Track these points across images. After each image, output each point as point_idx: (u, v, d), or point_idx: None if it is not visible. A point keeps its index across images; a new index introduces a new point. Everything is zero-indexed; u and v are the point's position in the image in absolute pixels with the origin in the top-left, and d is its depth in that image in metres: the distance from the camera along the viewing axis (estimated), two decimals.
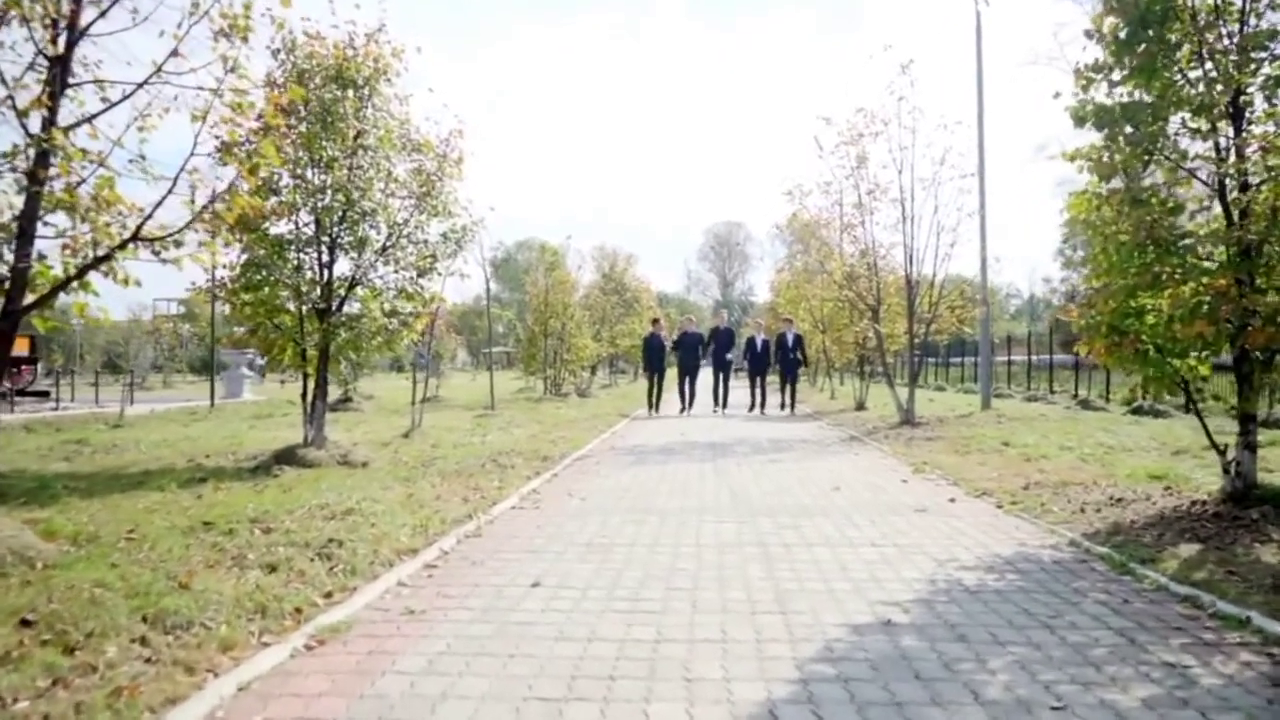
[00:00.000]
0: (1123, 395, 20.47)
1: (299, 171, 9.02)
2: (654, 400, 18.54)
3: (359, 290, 9.68)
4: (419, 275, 9.71)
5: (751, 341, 18.94)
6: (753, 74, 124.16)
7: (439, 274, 9.91)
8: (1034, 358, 29.34)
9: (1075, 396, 22.12)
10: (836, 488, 7.78)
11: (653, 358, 19.00)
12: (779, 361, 18.61)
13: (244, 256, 8.79)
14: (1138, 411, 16.45)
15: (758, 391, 18.44)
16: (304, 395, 9.56)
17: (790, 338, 18.38)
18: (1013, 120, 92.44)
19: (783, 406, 18.68)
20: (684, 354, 18.65)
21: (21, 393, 22.07)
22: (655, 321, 20.66)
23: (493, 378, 18.69)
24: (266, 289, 8.94)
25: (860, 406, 19.12)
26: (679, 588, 4.36)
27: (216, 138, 6.24)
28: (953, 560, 4.96)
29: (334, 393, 23.03)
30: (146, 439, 12.12)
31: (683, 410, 18.04)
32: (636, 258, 38.43)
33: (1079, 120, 5.93)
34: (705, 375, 19.82)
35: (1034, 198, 78.88)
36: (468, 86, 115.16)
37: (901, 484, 8.04)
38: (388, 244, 9.59)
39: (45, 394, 22.23)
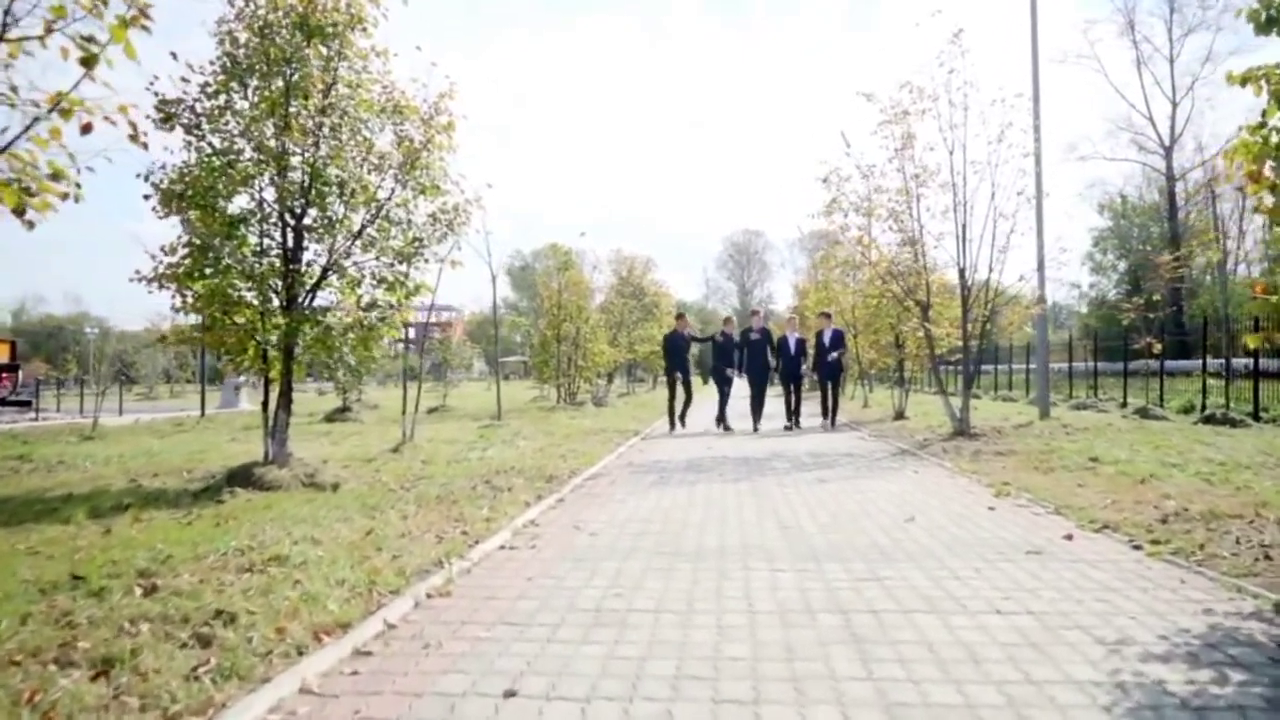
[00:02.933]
0: (1179, 403, 18.88)
1: (262, 140, 7.59)
2: (677, 413, 15.18)
3: (333, 279, 8.24)
4: (401, 261, 8.24)
5: (784, 342, 15.47)
6: (771, 80, 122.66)
7: (426, 260, 8.43)
8: (1072, 364, 27.66)
9: (1124, 404, 20.50)
10: (910, 517, 6.21)
11: (676, 360, 15.57)
12: (817, 365, 15.64)
13: (184, 236, 7.35)
14: (1210, 420, 14.81)
15: (792, 401, 15.42)
16: (264, 404, 8.10)
17: (829, 336, 15.46)
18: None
19: (826, 419, 15.64)
20: (718, 362, 15.43)
21: (2, 402, 20.91)
22: (680, 317, 17.21)
23: (500, 385, 17.21)
24: (218, 277, 7.49)
25: (900, 415, 17.51)
26: (734, 699, 2.81)
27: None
28: (1127, 642, 3.38)
29: (333, 402, 21.69)
30: (103, 454, 10.73)
31: (724, 430, 14.79)
32: (655, 262, 36.86)
33: (1263, 27, 4.37)
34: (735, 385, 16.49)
35: (1059, 201, 76.70)
36: (478, 90, 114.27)
37: (988, 512, 6.45)
38: (365, 224, 8.13)
39: (26, 404, 21.06)
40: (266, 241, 7.86)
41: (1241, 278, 48.41)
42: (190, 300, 7.79)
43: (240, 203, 7.72)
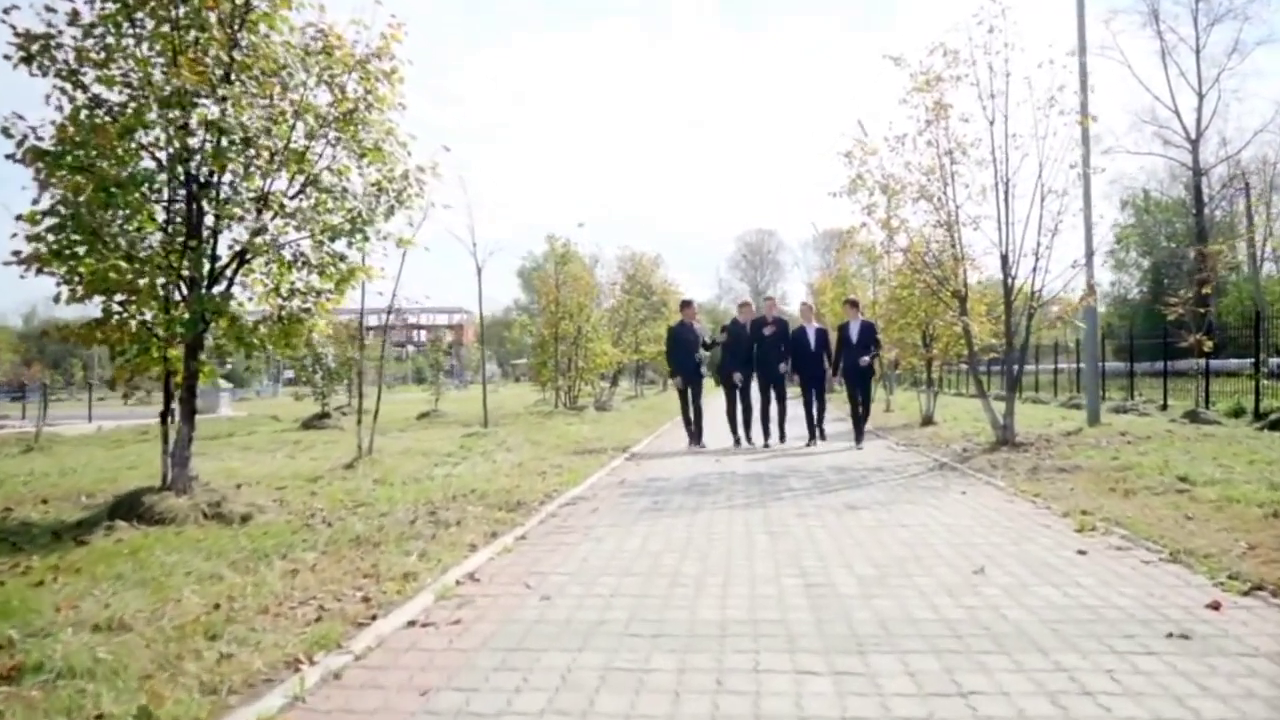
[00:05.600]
0: (1226, 405, 17.28)
1: (151, 85, 6.08)
2: (695, 425, 12.31)
3: (257, 262, 6.74)
4: (334, 239, 6.71)
5: (800, 336, 12.32)
6: (782, 80, 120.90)
7: (366, 239, 6.89)
8: (1105, 364, 25.97)
9: (1164, 407, 18.92)
10: (978, 568, 4.63)
11: (684, 360, 12.40)
12: (843, 366, 12.18)
13: (41, 201, 5.87)
14: (1276, 426, 13.17)
15: (814, 410, 12.30)
16: (163, 414, 6.60)
17: (856, 330, 12.08)
18: None
19: (857, 439, 12.20)
20: (728, 361, 12.37)
21: None
22: (686, 305, 13.19)
23: (485, 390, 15.69)
24: (95, 256, 5.99)
25: (929, 420, 15.93)
26: None
27: None
28: None
29: (311, 408, 20.22)
30: (11, 471, 9.26)
31: (737, 443, 12.19)
32: (663, 258, 35.24)
33: None
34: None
35: (1107, 180, 73.21)
36: (488, 92, 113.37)
37: (1080, 559, 4.86)
38: (296, 192, 6.63)
39: None
40: (161, 213, 6.37)
41: (1268, 274, 46.39)
42: (80, 288, 6.30)
43: (136, 164, 6.24)
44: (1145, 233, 55.53)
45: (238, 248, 6.56)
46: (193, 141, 6.01)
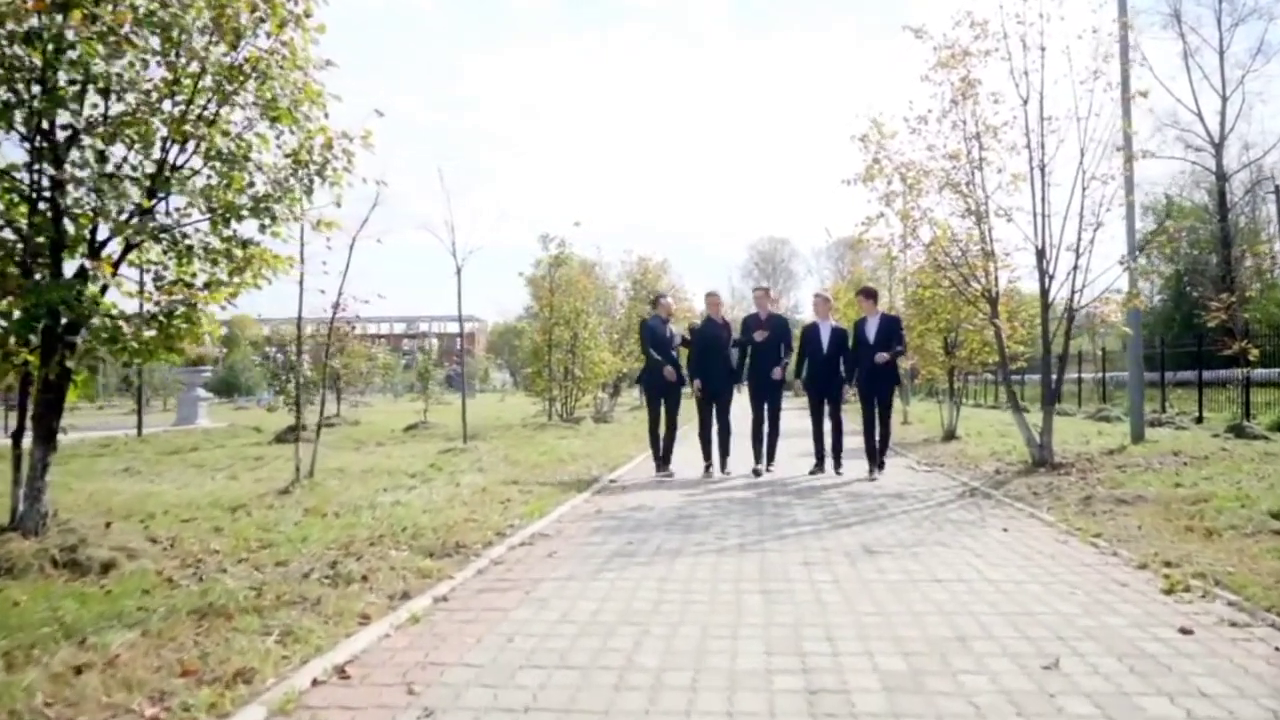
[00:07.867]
0: (1269, 418, 15.89)
1: None
2: (663, 446, 10.06)
3: (153, 248, 5.51)
4: (230, 220, 5.46)
5: (812, 336, 9.92)
6: (798, 87, 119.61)
7: (273, 218, 5.63)
8: (1141, 376, 24.45)
9: (1200, 419, 17.55)
10: (1050, 661, 3.31)
11: (658, 366, 10.01)
12: (858, 373, 9.69)
13: None
14: None
15: (826, 426, 9.97)
16: (15, 436, 5.38)
17: (874, 327, 9.60)
18: None
19: (872, 466, 9.64)
20: (697, 369, 9.97)
21: None
22: (658, 300, 10.95)
23: (465, 402, 14.41)
24: None
25: (951, 435, 14.60)
26: None
27: None
28: None
29: (284, 419, 19.01)
30: None
31: (708, 469, 9.99)
32: (670, 263, 33.83)
33: None
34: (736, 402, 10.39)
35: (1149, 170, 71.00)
36: (500, 96, 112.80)
37: (1182, 640, 3.54)
38: (176, 163, 5.39)
39: None
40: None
41: None
42: None
43: None
44: (1168, 238, 53.71)
45: (105, 233, 5.32)
46: (25, 91, 4.77)
